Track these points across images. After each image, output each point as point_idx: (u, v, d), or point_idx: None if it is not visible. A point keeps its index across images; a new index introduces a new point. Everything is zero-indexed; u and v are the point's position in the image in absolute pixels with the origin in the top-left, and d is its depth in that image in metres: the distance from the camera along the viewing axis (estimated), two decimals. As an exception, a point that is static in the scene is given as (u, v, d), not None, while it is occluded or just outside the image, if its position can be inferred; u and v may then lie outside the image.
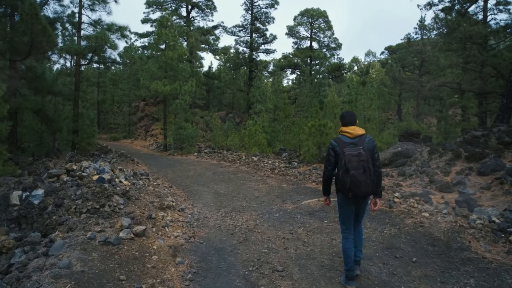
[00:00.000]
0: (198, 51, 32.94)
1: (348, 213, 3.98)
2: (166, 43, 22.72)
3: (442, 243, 5.03)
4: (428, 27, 33.23)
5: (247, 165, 14.68)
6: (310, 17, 35.57)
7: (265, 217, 6.78)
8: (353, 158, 3.65)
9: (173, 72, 22.61)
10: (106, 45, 15.40)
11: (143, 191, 7.83)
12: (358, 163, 3.62)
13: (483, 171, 8.91)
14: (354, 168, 3.61)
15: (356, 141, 3.78)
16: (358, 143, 3.75)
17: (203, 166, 14.92)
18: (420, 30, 32.53)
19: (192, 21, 34.51)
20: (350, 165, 3.62)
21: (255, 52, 35.30)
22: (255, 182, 10.83)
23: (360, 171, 3.60)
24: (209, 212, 7.36)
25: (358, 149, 3.70)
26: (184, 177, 12.42)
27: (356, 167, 3.61)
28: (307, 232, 5.73)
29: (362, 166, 3.62)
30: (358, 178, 3.59)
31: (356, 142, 3.77)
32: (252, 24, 34.44)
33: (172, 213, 6.97)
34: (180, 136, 21.28)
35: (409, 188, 8.57)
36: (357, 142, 3.77)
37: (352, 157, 3.65)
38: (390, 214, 6.44)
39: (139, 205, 6.47)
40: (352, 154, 3.67)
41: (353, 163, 3.62)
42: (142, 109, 37.50)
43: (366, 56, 46.84)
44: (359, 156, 3.65)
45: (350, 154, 3.67)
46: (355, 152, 3.68)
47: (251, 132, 21.07)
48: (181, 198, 8.84)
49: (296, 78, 39.93)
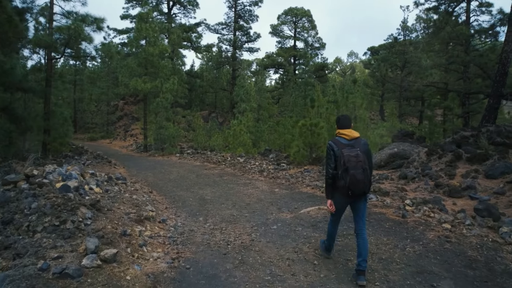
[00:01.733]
0: (180, 48, 31.59)
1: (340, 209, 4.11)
2: (146, 39, 21.40)
3: (481, 264, 4.12)
4: (411, 28, 33.00)
5: (233, 167, 13.63)
6: (294, 16, 34.75)
7: (261, 230, 5.75)
8: (352, 158, 3.74)
9: (154, 69, 21.32)
10: (80, 38, 14.01)
11: (118, 200, 6.68)
12: (357, 163, 3.72)
13: (491, 173, 8.15)
14: (353, 168, 3.70)
15: (353, 143, 3.90)
16: (355, 145, 3.86)
17: (186, 168, 13.78)
18: (403, 31, 32.18)
19: (174, 18, 33.11)
20: (349, 164, 3.71)
21: (239, 51, 34.25)
22: (244, 186, 9.79)
23: (359, 171, 3.71)
24: (195, 224, 6.27)
25: (355, 150, 3.80)
26: (165, 180, 11.27)
27: (355, 167, 3.71)
28: (315, 251, 4.73)
29: (361, 166, 3.72)
30: (357, 177, 3.69)
31: (353, 144, 3.89)
32: (236, 22, 33.35)
33: (151, 226, 5.85)
34: (161, 136, 20.03)
35: (415, 193, 7.70)
36: (354, 144, 3.89)
37: (351, 157, 3.74)
38: (405, 226, 5.52)
39: (111, 218, 5.33)
40: (350, 155, 3.76)
41: (352, 163, 3.72)
42: (121, 108, 35.88)
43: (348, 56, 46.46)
44: (357, 157, 3.75)
45: (349, 155, 3.76)
46: (353, 153, 3.78)
47: (235, 132, 20.00)
48: (163, 206, 7.71)
49: (280, 78, 39.05)
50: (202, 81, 35.32)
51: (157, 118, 20.64)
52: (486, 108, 16.67)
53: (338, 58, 40.67)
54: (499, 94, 15.27)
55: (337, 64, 40.05)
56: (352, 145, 3.86)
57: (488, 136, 12.67)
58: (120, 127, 33.76)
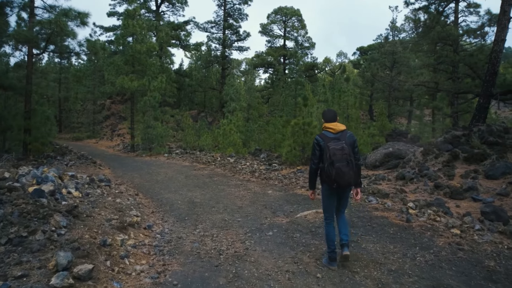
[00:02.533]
0: (169, 46, 30.86)
1: (331, 202, 4.15)
2: (133, 36, 20.70)
3: (502, 276, 3.69)
4: (399, 29, 32.89)
5: (223, 167, 13.11)
6: (283, 16, 34.29)
7: (256, 236, 5.25)
8: (337, 152, 3.82)
9: (141, 67, 20.63)
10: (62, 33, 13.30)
11: (100, 204, 6.10)
12: (342, 156, 3.80)
13: (492, 174, 7.80)
14: (338, 161, 3.79)
15: (339, 136, 3.98)
16: (341, 138, 3.95)
17: (175, 169, 13.21)
18: (392, 31, 32.04)
19: (162, 16, 32.30)
20: (335, 158, 3.80)
21: (228, 49, 33.64)
22: (235, 188, 9.28)
23: (344, 163, 3.79)
24: (184, 230, 5.75)
25: (341, 143, 3.88)
26: (152, 182, 10.69)
27: (340, 160, 3.79)
28: (316, 261, 4.25)
29: (345, 159, 3.80)
30: (343, 170, 3.77)
31: (339, 137, 3.97)
32: (225, 21, 32.73)
33: (136, 234, 5.31)
34: (149, 135, 19.36)
35: (415, 195, 7.30)
36: (340, 137, 3.96)
37: (336, 151, 3.82)
38: (411, 231, 5.09)
39: (90, 226, 4.77)
40: (336, 148, 3.84)
41: (338, 156, 3.80)
42: (108, 107, 34.95)
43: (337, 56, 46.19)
44: (342, 150, 3.83)
45: (335, 148, 3.84)
46: (338, 146, 3.85)
47: (225, 132, 19.47)
48: (149, 210, 7.15)
49: (269, 77, 38.58)
50: (191, 80, 34.58)
51: (145, 117, 19.96)
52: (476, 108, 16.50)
53: (328, 58, 40.37)
54: (489, 94, 15.09)
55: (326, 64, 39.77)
56: (338, 138, 3.94)
57: (480, 136, 12.44)
58: (106, 126, 32.85)
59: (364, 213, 6.02)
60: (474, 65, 17.71)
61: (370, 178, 9.11)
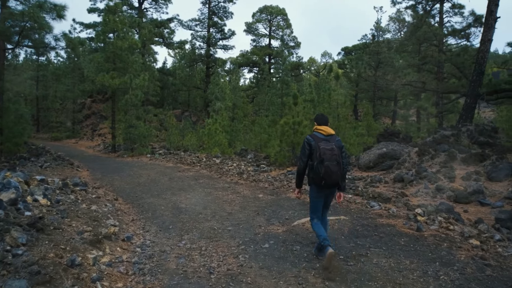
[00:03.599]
0: (152, 44, 29.78)
1: (319, 203, 4.16)
2: (114, 32, 19.70)
3: (544, 300, 3.15)
4: (384, 29, 32.74)
5: (209, 169, 12.39)
6: (269, 14, 33.70)
7: (251, 249, 4.59)
8: (327, 151, 3.89)
9: (123, 64, 19.64)
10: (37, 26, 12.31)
11: (71, 213, 5.33)
12: (332, 156, 3.88)
13: (495, 176, 7.37)
14: (328, 159, 3.85)
15: (329, 138, 4.07)
16: (331, 141, 4.03)
17: (158, 170, 12.41)
18: (377, 32, 31.83)
19: (145, 13, 31.23)
20: (325, 156, 3.87)
21: (213, 48, 32.80)
22: (223, 191, 8.59)
23: (333, 162, 3.87)
24: (168, 241, 5.04)
25: (331, 144, 3.97)
26: (134, 184, 9.90)
27: (330, 159, 3.86)
28: (324, 282, 3.61)
29: (335, 159, 3.88)
30: (332, 169, 3.84)
31: (329, 139, 4.05)
32: (210, 19, 31.89)
33: (112, 248, 4.57)
34: (131, 135, 18.42)
35: (417, 198, 6.78)
36: (330, 139, 4.05)
37: (326, 150, 3.90)
38: (425, 242, 4.52)
39: (57, 242, 4.01)
40: (326, 148, 3.92)
41: (328, 156, 3.87)
42: (88, 106, 33.65)
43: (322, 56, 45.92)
44: (332, 150, 3.91)
45: (325, 148, 3.92)
46: (328, 147, 3.94)
47: (210, 132, 18.71)
48: (128, 217, 6.39)
49: (254, 77, 37.93)
50: (174, 79, 33.61)
51: (127, 116, 19.01)
52: (463, 108, 16.32)
53: (312, 58, 40.05)
54: (476, 94, 14.88)
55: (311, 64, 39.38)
56: (328, 140, 4.02)
57: (470, 136, 12.14)
58: (87, 126, 31.57)
59: (367, 220, 5.44)
60: (461, 65, 17.53)
61: (366, 180, 8.56)
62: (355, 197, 6.80)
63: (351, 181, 8.52)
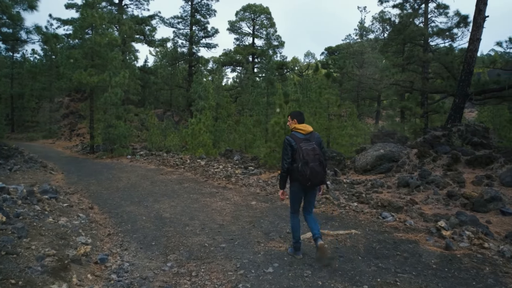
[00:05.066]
0: (132, 42, 28.47)
1: (299, 199, 4.19)
2: (93, 27, 18.46)
3: None
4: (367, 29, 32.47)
5: (193, 171, 11.49)
6: (252, 13, 32.87)
7: (252, 276, 3.75)
8: (310, 152, 3.87)
9: (102, 60, 18.44)
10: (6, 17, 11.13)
11: (33, 230, 4.37)
12: (314, 156, 3.87)
13: (510, 180, 6.76)
14: (312, 161, 3.84)
15: (309, 137, 4.04)
16: (311, 139, 4.01)
17: (139, 173, 11.43)
18: (360, 31, 31.51)
19: (125, 9, 29.85)
20: (308, 158, 3.84)
21: (196, 46, 31.68)
22: (211, 198, 7.73)
23: (317, 163, 3.86)
24: (150, 264, 4.15)
25: (311, 144, 3.96)
26: (112, 189, 8.92)
27: (314, 160, 3.85)
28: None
29: (318, 159, 3.88)
30: (316, 169, 3.84)
31: (308, 138, 4.03)
32: (192, 16, 30.77)
33: (81, 276, 3.66)
34: (110, 135, 17.26)
35: (428, 206, 6.10)
36: (310, 138, 4.03)
37: (308, 151, 3.88)
38: (461, 265, 3.79)
39: (6, 274, 3.09)
40: (308, 149, 3.89)
41: (311, 157, 3.85)
42: (66, 106, 32.00)
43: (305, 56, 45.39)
44: (314, 150, 3.91)
45: (307, 149, 3.89)
46: (310, 147, 3.92)
47: (194, 132, 17.74)
48: (104, 231, 5.46)
49: (237, 77, 37.04)
50: (156, 78, 32.33)
51: (106, 115, 17.83)
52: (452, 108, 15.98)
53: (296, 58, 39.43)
54: (464, 94, 14.52)
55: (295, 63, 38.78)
56: (308, 139, 3.98)
57: (461, 136, 11.68)
58: (65, 126, 29.97)
59: (383, 235, 4.69)
60: (449, 64, 17.18)
61: (366, 184, 7.85)
62: (361, 206, 6.06)
63: (349, 185, 7.80)
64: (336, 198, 6.42)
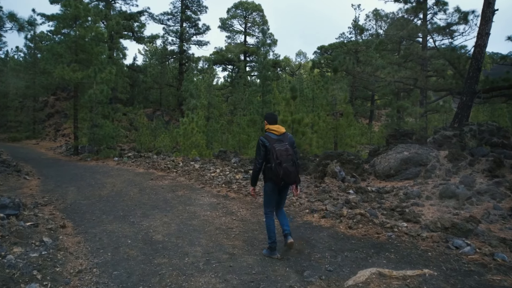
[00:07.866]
0: (121, 38, 26.63)
1: (273, 198, 4.14)
2: (77, 20, 16.71)
3: None
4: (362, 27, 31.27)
5: (187, 176, 9.98)
6: (244, 10, 31.36)
7: None
8: (283, 153, 3.90)
9: (86, 55, 16.74)
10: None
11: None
12: (287, 156, 3.90)
13: None
14: (285, 161, 3.88)
15: (282, 138, 4.05)
16: (284, 140, 4.03)
17: (126, 178, 9.85)
18: (354, 30, 30.34)
19: (113, 4, 27.97)
20: (282, 158, 3.87)
21: (186, 44, 29.98)
22: (212, 211, 6.23)
23: (290, 163, 3.90)
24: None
25: (284, 144, 3.97)
26: (94, 199, 7.35)
27: (287, 160, 3.89)
28: None
29: (290, 159, 3.92)
30: (289, 169, 3.88)
31: (281, 138, 4.04)
32: (183, 12, 29.06)
33: None
34: (96, 136, 15.57)
35: (495, 226, 4.71)
36: (283, 138, 4.04)
37: (282, 152, 3.90)
38: None
39: None
40: (281, 150, 3.91)
41: (284, 157, 3.88)
42: (51, 105, 30.01)
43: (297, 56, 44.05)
44: (287, 151, 3.93)
45: (280, 149, 3.91)
46: (283, 147, 3.94)
47: (186, 132, 16.16)
48: (72, 266, 3.90)
49: (229, 75, 35.45)
50: (145, 76, 30.53)
51: (91, 114, 16.11)
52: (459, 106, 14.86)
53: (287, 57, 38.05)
54: (472, 91, 13.38)
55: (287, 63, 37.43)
56: (281, 140, 4.00)
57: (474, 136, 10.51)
58: (50, 126, 28.00)
59: (473, 278, 3.24)
60: (455, 60, 16.03)
61: (397, 193, 6.42)
62: (410, 225, 4.62)
63: (377, 195, 6.39)
64: (373, 214, 5.00)
